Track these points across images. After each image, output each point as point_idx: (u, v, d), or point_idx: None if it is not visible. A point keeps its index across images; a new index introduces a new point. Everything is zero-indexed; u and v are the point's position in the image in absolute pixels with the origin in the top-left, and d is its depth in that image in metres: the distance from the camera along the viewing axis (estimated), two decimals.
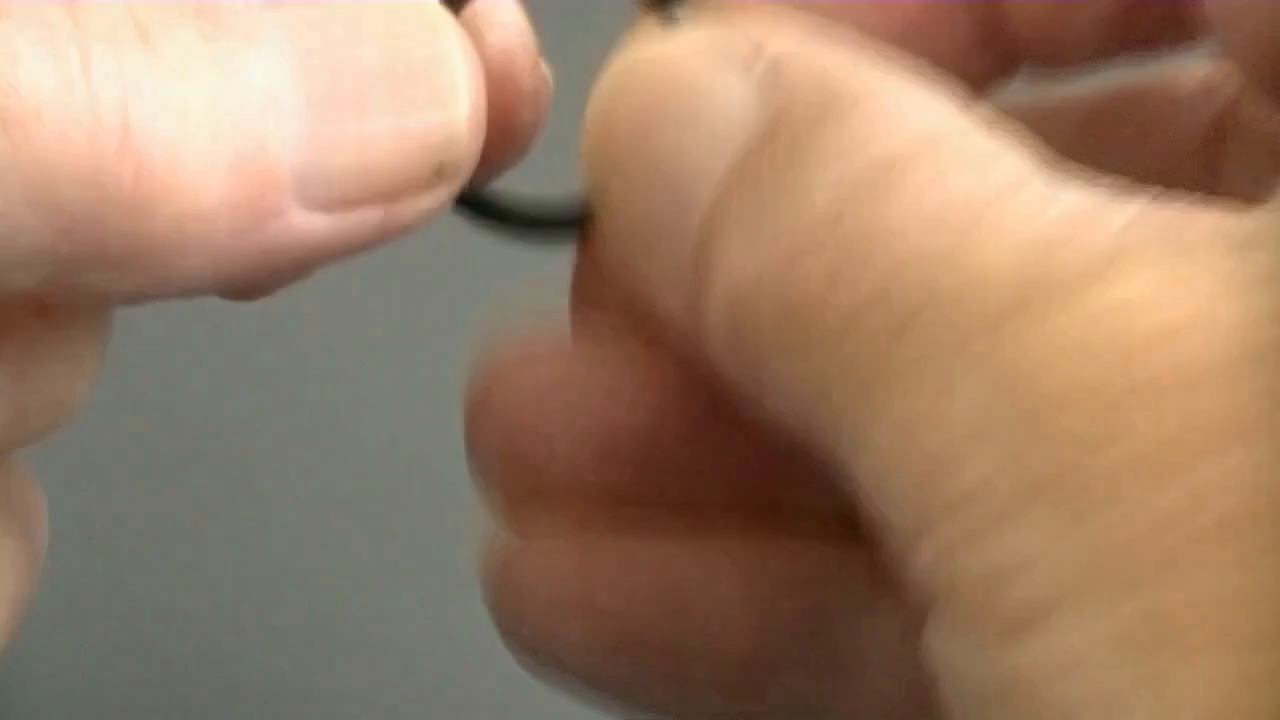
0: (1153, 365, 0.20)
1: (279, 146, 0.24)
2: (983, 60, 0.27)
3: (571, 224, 0.28)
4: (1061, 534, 0.20)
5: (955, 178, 0.22)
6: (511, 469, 0.28)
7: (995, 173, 0.22)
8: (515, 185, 0.28)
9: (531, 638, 0.28)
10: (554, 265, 0.29)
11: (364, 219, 0.25)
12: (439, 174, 0.26)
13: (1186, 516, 0.20)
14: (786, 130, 0.23)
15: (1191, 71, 0.29)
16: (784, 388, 0.23)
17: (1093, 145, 0.28)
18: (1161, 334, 0.20)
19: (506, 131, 0.27)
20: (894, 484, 0.22)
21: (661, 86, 0.25)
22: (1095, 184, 0.22)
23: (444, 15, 0.26)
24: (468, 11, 0.27)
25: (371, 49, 0.25)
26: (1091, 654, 0.20)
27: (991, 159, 0.22)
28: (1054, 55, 0.28)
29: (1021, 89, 0.29)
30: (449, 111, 0.26)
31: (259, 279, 0.25)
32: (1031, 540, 0.20)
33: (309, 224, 0.25)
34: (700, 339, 0.24)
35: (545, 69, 0.27)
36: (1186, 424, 0.20)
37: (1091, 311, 0.21)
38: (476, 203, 0.28)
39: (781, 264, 0.23)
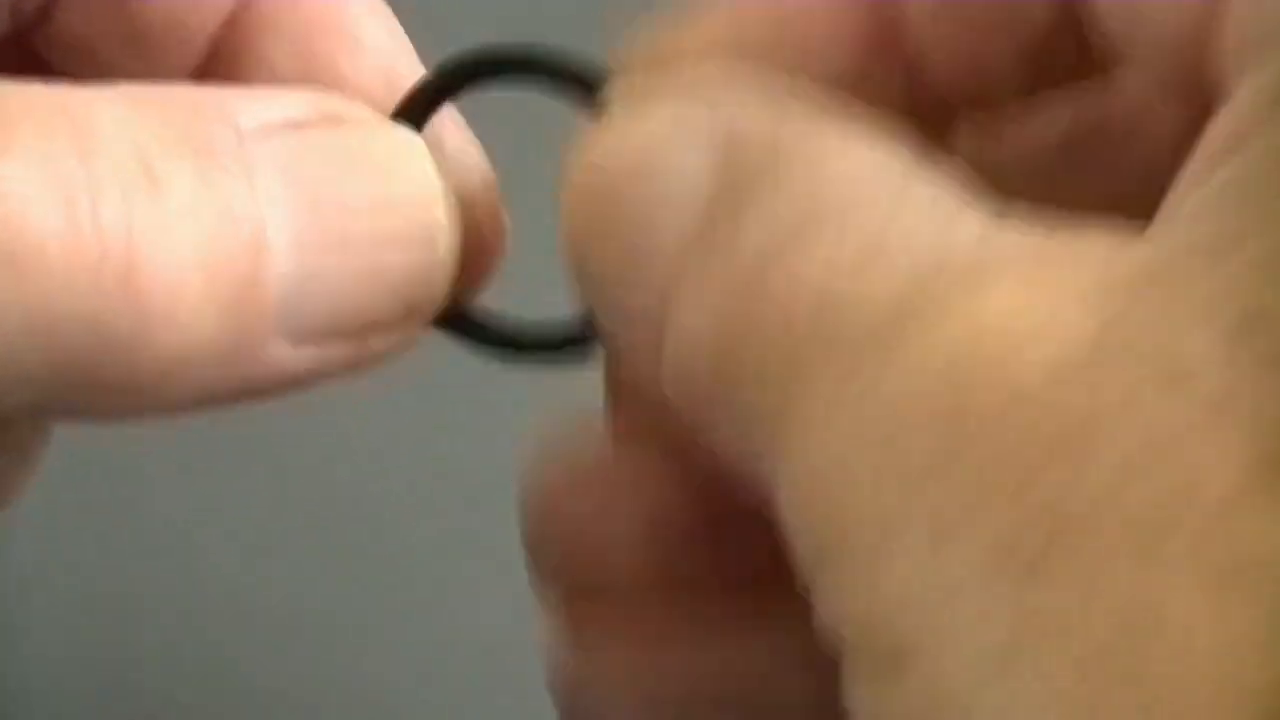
0: (987, 384, 0.20)
1: (267, 283, 0.25)
2: (923, 109, 0.27)
3: (560, 346, 0.28)
4: (918, 566, 0.20)
5: (865, 221, 0.22)
6: (573, 577, 0.28)
7: (903, 210, 0.22)
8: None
9: None
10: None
11: (339, 352, 0.26)
12: (412, 312, 0.27)
13: (1036, 529, 0.19)
14: (732, 191, 0.24)
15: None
16: (722, 437, 0.23)
17: (1074, 166, 0.28)
18: (999, 351, 0.20)
19: (474, 255, 0.27)
20: (792, 528, 0.22)
21: (624, 160, 0.25)
22: (1009, 216, 0.22)
23: (426, 151, 0.27)
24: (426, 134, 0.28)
25: (359, 187, 0.26)
26: (966, 681, 0.20)
27: (906, 198, 0.23)
28: (983, 95, 0.27)
29: None
30: (428, 253, 0.26)
31: (233, 403, 0.26)
32: (893, 576, 0.20)
33: (287, 356, 0.25)
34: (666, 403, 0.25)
35: (498, 193, 0.28)
36: (1023, 439, 0.20)
37: (945, 333, 0.21)
38: (458, 323, 0.28)
39: (712, 315, 0.23)
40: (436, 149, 0.27)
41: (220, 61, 0.29)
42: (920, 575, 0.20)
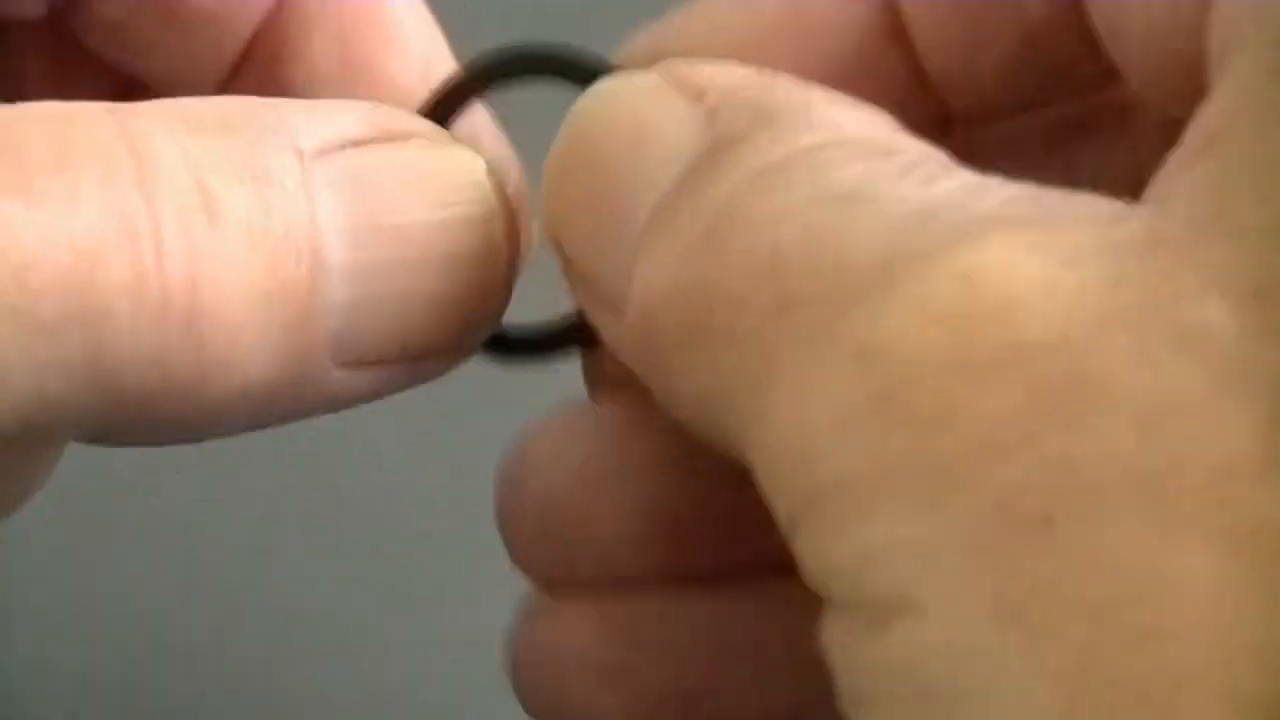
0: (991, 338, 0.20)
1: (325, 312, 0.25)
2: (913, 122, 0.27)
3: (563, 341, 0.28)
4: (916, 519, 0.20)
5: (847, 168, 0.22)
6: (547, 547, 0.28)
7: (886, 163, 0.22)
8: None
9: (562, 706, 0.27)
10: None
11: (392, 375, 0.26)
12: (470, 332, 0.26)
13: (1042, 485, 0.19)
14: (718, 146, 0.23)
15: None
16: (687, 390, 0.23)
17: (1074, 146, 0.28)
18: (1001, 305, 0.20)
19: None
20: (775, 478, 0.21)
21: (615, 120, 0.25)
22: (997, 178, 0.22)
23: (484, 169, 0.26)
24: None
25: (420, 209, 0.26)
26: (961, 635, 0.19)
27: (887, 153, 0.22)
28: (975, 100, 0.27)
29: None
30: (487, 275, 0.26)
31: (282, 423, 0.26)
32: (889, 527, 0.20)
33: (342, 381, 0.25)
34: (624, 355, 0.24)
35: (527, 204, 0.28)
36: (1029, 392, 0.20)
37: (939, 283, 0.20)
38: (495, 346, 0.28)
39: (681, 263, 0.23)
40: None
41: (259, 55, 0.29)
42: (918, 527, 0.20)
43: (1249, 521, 0.19)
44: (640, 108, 0.25)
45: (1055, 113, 0.27)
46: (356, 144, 0.25)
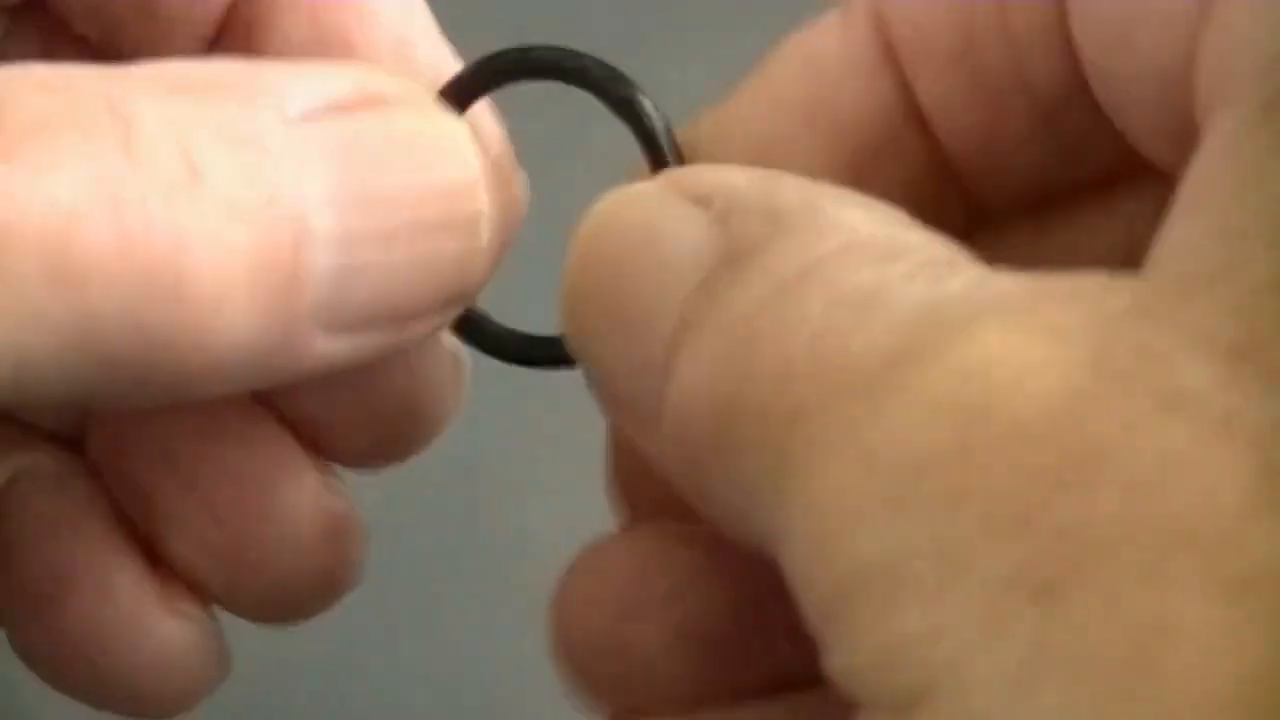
0: (989, 425, 0.21)
1: (310, 279, 0.25)
2: (940, 201, 0.27)
3: (553, 361, 0.28)
4: (929, 607, 0.20)
5: (857, 274, 0.23)
6: (599, 684, 0.28)
7: (895, 266, 0.23)
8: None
9: None
10: None
11: (377, 340, 0.26)
12: (453, 299, 0.27)
13: (1048, 557, 0.20)
14: (735, 254, 0.24)
15: None
16: (724, 501, 0.24)
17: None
18: (996, 393, 0.21)
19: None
20: (800, 584, 0.22)
21: (625, 235, 0.25)
22: (1007, 270, 0.22)
23: (470, 136, 0.26)
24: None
25: (405, 176, 0.26)
26: (978, 712, 0.20)
27: (896, 255, 0.23)
28: (995, 180, 0.28)
29: None
30: (471, 243, 0.26)
31: (265, 387, 0.26)
32: (904, 620, 0.20)
33: (325, 347, 0.25)
34: (662, 464, 0.25)
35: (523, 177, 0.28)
36: (1029, 471, 0.20)
37: (938, 379, 0.21)
38: (465, 325, 0.28)
39: (710, 370, 0.23)
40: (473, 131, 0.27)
41: (234, 29, 0.29)
42: (934, 611, 0.20)
43: (1245, 569, 0.19)
44: (648, 219, 0.25)
45: (1080, 179, 0.28)
46: (344, 108, 0.25)
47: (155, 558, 0.30)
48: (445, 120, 0.27)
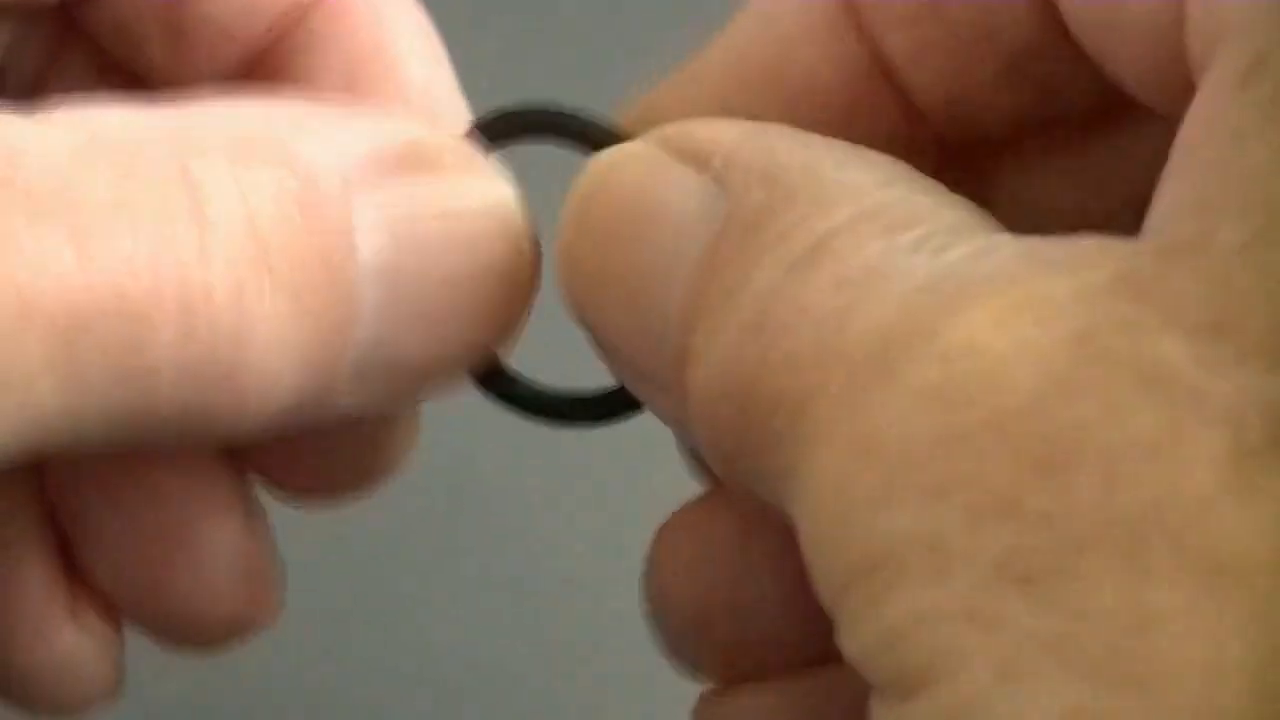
0: (974, 411, 0.21)
1: (352, 347, 0.25)
2: (917, 157, 0.27)
3: (589, 416, 0.28)
4: (925, 594, 0.20)
5: (865, 249, 0.23)
6: (696, 651, 0.28)
7: (902, 237, 0.23)
8: None
9: None
10: None
11: (400, 401, 0.27)
12: (475, 365, 0.27)
13: (1030, 547, 0.20)
14: (738, 224, 0.24)
15: None
16: (749, 475, 0.24)
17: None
18: (979, 377, 0.21)
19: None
20: (813, 566, 0.22)
21: (620, 198, 0.25)
22: (1009, 233, 0.22)
23: (522, 213, 0.26)
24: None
25: (457, 259, 0.26)
26: (972, 699, 0.20)
27: (908, 223, 0.23)
28: (970, 126, 0.27)
29: None
30: (509, 318, 0.27)
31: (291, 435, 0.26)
32: (903, 606, 0.21)
33: (353, 404, 0.26)
34: (693, 442, 0.25)
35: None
36: (1012, 458, 0.20)
37: (926, 365, 0.21)
38: (490, 382, 0.28)
39: (732, 352, 0.23)
40: None
41: (264, 71, 0.29)
42: (927, 598, 0.20)
43: (1221, 554, 0.19)
44: (643, 182, 0.25)
45: (1068, 119, 0.28)
46: (399, 168, 0.25)
47: (72, 567, 0.30)
48: (493, 187, 0.27)
